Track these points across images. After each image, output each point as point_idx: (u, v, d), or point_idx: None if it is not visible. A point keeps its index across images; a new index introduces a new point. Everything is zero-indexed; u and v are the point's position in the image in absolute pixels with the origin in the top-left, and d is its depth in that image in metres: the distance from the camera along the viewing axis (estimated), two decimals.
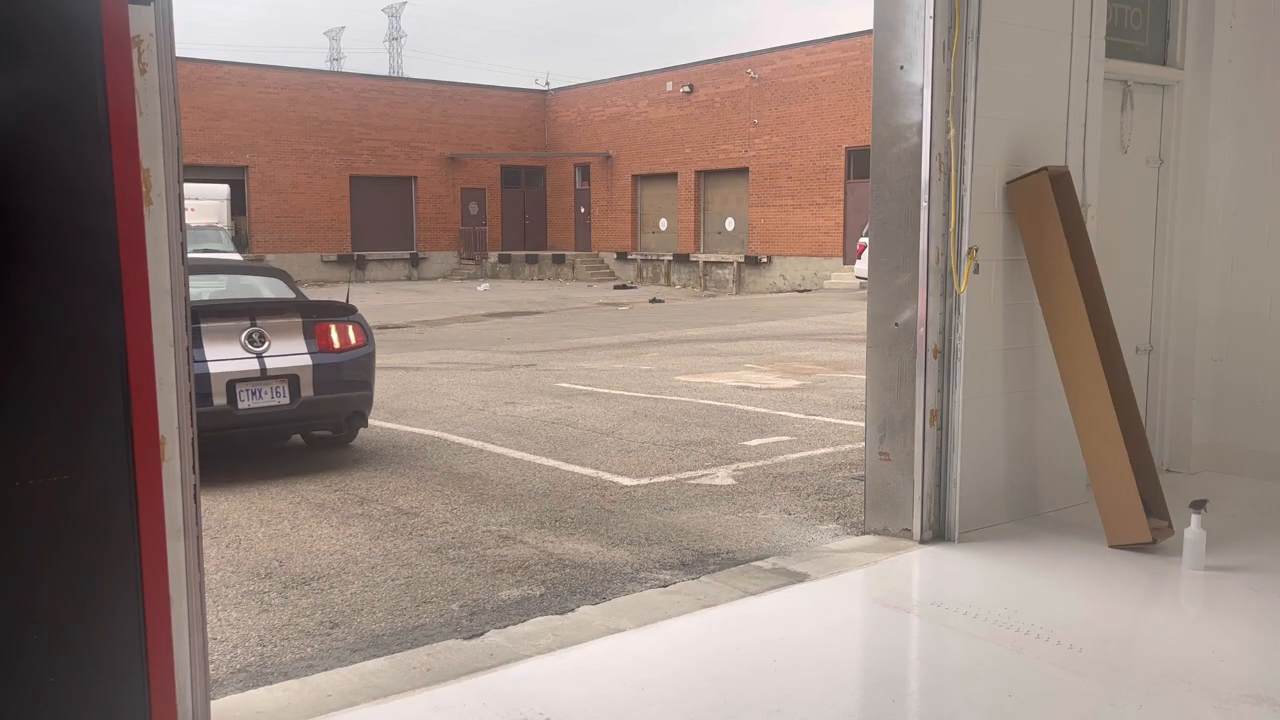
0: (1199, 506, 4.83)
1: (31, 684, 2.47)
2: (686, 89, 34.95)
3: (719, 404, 9.97)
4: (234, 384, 6.93)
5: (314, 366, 7.29)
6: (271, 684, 3.80)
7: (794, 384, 11.34)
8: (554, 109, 40.93)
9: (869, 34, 5.80)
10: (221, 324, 7.03)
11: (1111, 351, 5.30)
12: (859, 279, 24.21)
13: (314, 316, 7.50)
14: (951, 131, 5.06)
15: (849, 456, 7.55)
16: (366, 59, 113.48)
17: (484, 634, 4.21)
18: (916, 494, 5.23)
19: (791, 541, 5.54)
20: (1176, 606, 4.70)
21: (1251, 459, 6.47)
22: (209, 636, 3.29)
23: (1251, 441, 6.48)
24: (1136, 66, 6.24)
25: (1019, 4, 5.22)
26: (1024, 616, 4.24)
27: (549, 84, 42.69)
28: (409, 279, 36.90)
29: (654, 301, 26.22)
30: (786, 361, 13.33)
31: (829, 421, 9.03)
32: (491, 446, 8.12)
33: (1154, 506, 5.18)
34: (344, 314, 7.68)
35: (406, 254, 37.77)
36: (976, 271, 5.16)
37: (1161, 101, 6.50)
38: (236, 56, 45.61)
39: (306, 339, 7.36)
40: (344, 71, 47.26)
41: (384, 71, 61.13)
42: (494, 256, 38.54)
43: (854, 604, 4.67)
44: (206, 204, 27.27)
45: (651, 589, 4.79)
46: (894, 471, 5.34)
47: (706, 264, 33.93)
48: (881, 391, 5.36)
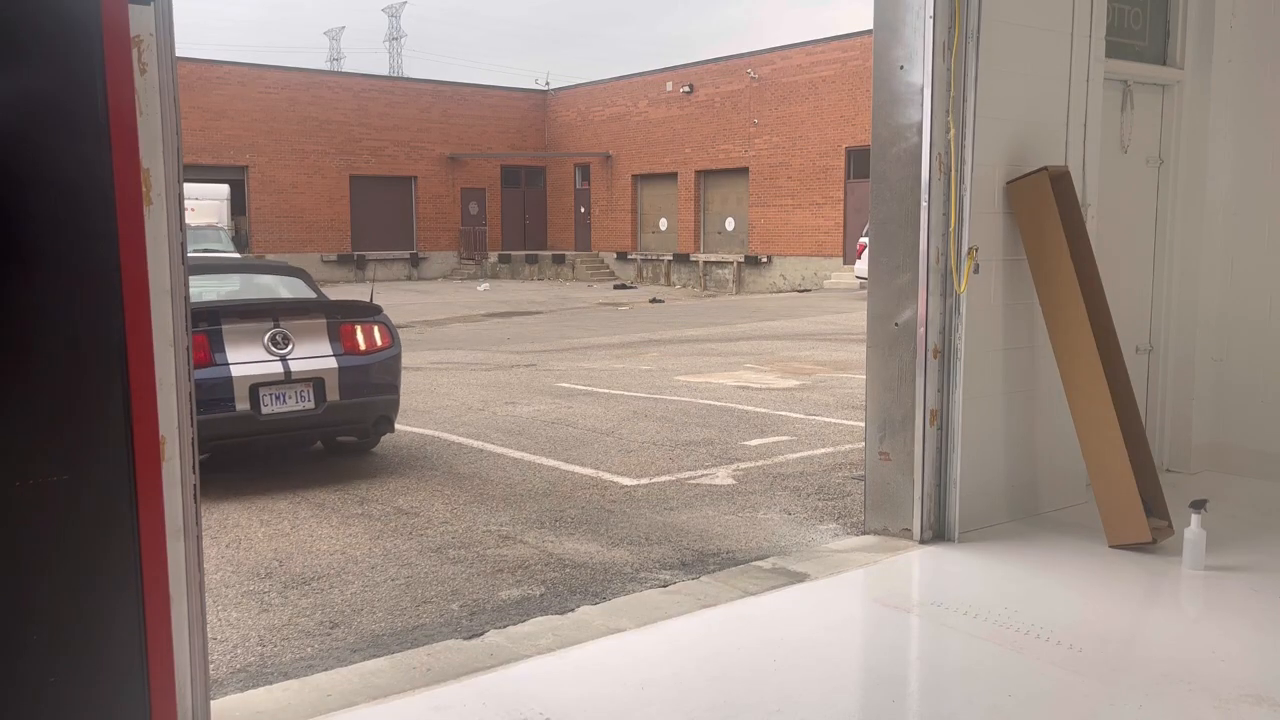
0: (1199, 506, 4.83)
1: (31, 684, 2.47)
2: (686, 89, 34.95)
3: (719, 404, 9.97)
4: (257, 388, 6.64)
5: (339, 369, 6.97)
6: (271, 684, 3.80)
7: (794, 384, 11.34)
8: (554, 109, 40.94)
9: (869, 34, 5.80)
10: (244, 325, 6.74)
11: (1111, 351, 5.30)
12: (859, 279, 24.21)
13: (339, 317, 7.17)
14: (951, 131, 5.06)
15: (849, 456, 7.55)
16: (366, 59, 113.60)
17: (484, 634, 4.21)
18: (916, 494, 5.23)
19: (791, 541, 5.54)
20: (1176, 606, 4.70)
21: (1251, 459, 6.48)
22: (209, 636, 3.30)
23: (1251, 441, 6.48)
24: (1136, 66, 6.24)
25: (1019, 4, 5.22)
26: (1024, 616, 4.24)
27: (549, 84, 42.73)
28: (409, 279, 36.90)
29: (654, 301, 26.22)
30: (786, 361, 13.33)
31: (829, 421, 9.03)
32: (491, 446, 8.12)
33: (1154, 506, 5.18)
34: (369, 314, 7.37)
35: (406, 254, 37.79)
36: (976, 271, 5.16)
37: (1161, 101, 6.50)
38: (236, 56, 45.66)
39: (331, 341, 7.06)
40: (344, 71, 47.27)
41: (384, 71, 61.16)
42: (494, 256, 38.54)
43: (854, 604, 4.67)
44: (206, 204, 27.28)
45: (651, 589, 4.79)
46: (894, 471, 5.34)
47: (706, 264, 33.93)
48: (881, 391, 5.37)
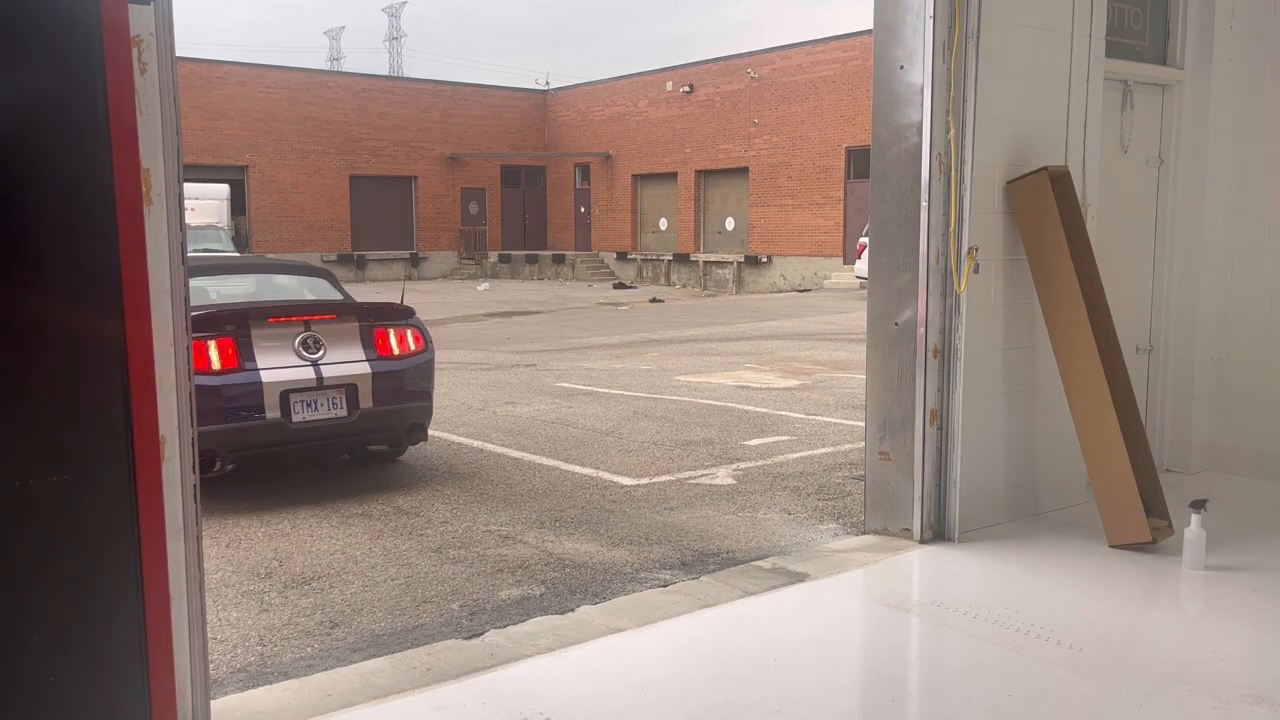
0: (1199, 506, 4.83)
1: (31, 684, 2.47)
2: (686, 89, 34.95)
3: (719, 404, 9.97)
4: (288, 395, 6.33)
5: (373, 375, 6.67)
6: (271, 684, 3.80)
7: (794, 384, 11.34)
8: (554, 109, 40.93)
9: (869, 34, 5.80)
10: (274, 329, 6.44)
11: (1111, 351, 5.30)
12: (859, 279, 24.21)
13: (371, 320, 6.88)
14: (951, 131, 5.06)
15: (849, 456, 7.55)
16: (366, 59, 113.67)
17: (484, 634, 4.22)
18: (916, 494, 5.23)
19: (791, 541, 5.54)
20: (1176, 606, 4.70)
21: (1251, 459, 6.47)
22: (209, 636, 3.30)
23: (1251, 441, 6.48)
24: (1136, 66, 6.24)
25: (1019, 4, 5.22)
26: (1024, 616, 4.24)
27: (549, 84, 42.72)
28: (409, 279, 36.88)
29: (654, 301, 26.21)
30: (786, 361, 13.33)
31: (829, 421, 9.03)
32: (491, 446, 8.12)
33: (1154, 506, 5.18)
34: (402, 317, 7.06)
35: (406, 254, 37.78)
36: (976, 271, 5.16)
37: (1161, 101, 6.50)
38: (236, 56, 45.67)
39: (364, 345, 6.75)
40: (344, 71, 47.24)
41: (384, 71, 61.17)
42: (494, 256, 38.54)
43: (854, 604, 4.67)
44: (206, 204, 27.29)
45: (651, 589, 4.79)
46: (894, 471, 5.34)
47: (706, 264, 33.93)
48: (881, 391, 5.37)
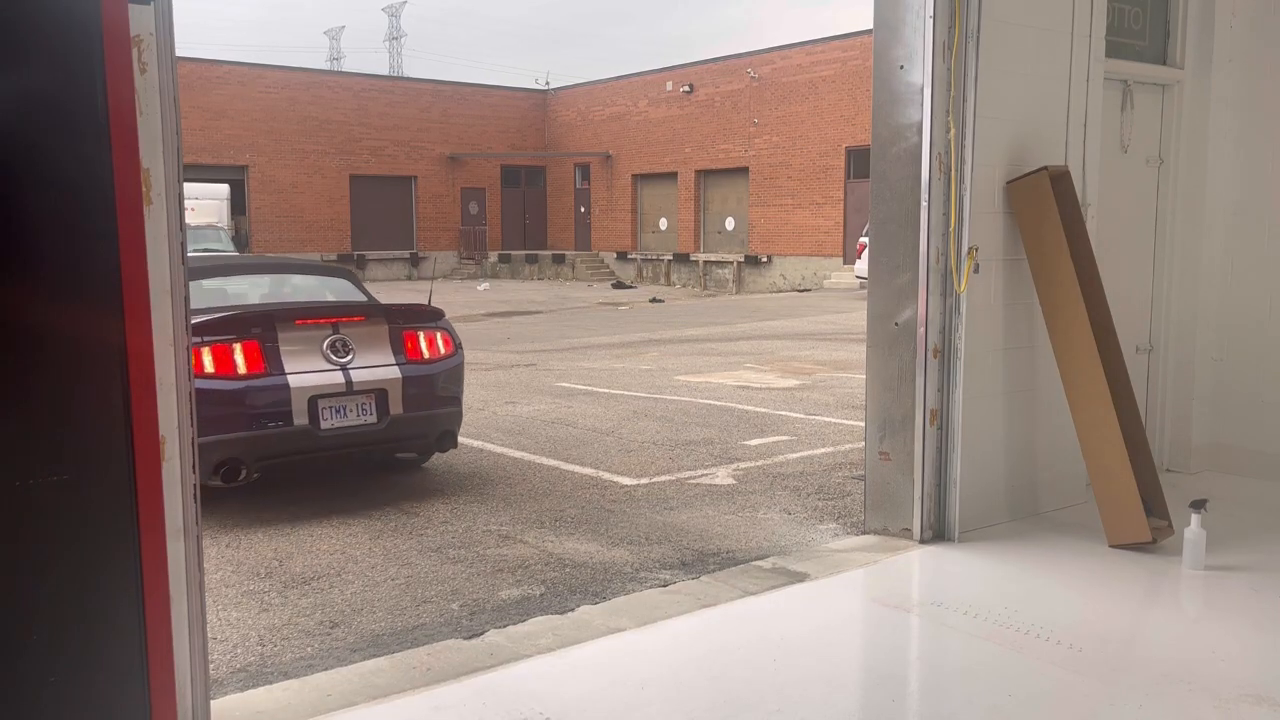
0: (1199, 506, 4.83)
1: (31, 684, 2.47)
2: (686, 89, 34.95)
3: (719, 404, 9.97)
4: (316, 400, 6.10)
5: (403, 380, 6.43)
6: (271, 684, 3.80)
7: (794, 383, 11.34)
8: (554, 109, 40.93)
9: (869, 34, 5.80)
10: (301, 331, 6.19)
11: (1111, 351, 5.30)
12: (859, 279, 24.22)
13: (400, 322, 6.63)
14: (951, 131, 5.06)
15: (849, 456, 7.55)
16: (366, 59, 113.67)
17: (484, 634, 4.22)
18: (916, 493, 5.23)
19: (791, 541, 5.54)
20: (1176, 606, 4.70)
21: (1251, 459, 6.47)
22: (209, 636, 3.30)
23: (1251, 441, 6.48)
24: (1136, 66, 6.24)
25: (1019, 4, 5.22)
26: (1024, 616, 4.24)
27: (549, 84, 42.72)
28: (409, 279, 36.87)
29: (654, 301, 26.21)
30: (786, 361, 13.33)
31: (829, 421, 9.03)
32: (491, 446, 8.12)
33: (1154, 506, 5.18)
34: (432, 319, 6.81)
35: (406, 254, 37.78)
36: (976, 271, 5.16)
37: (1161, 101, 6.50)
38: (236, 56, 45.67)
39: (394, 349, 6.51)
40: (344, 71, 47.24)
41: (384, 71, 61.15)
42: (494, 256, 38.53)
43: (854, 604, 4.67)
44: (206, 204, 27.30)
45: (651, 589, 4.79)
46: (894, 471, 5.34)
47: (706, 264, 33.93)
48: (881, 391, 5.37)
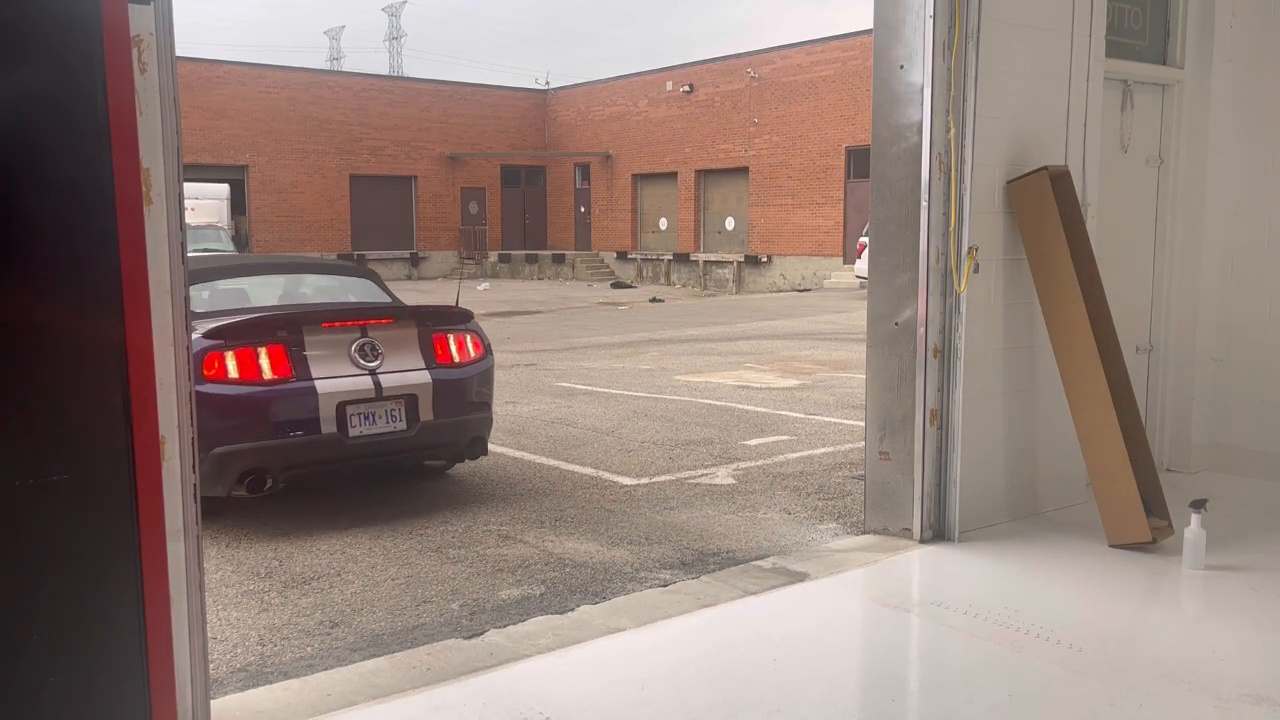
0: (1199, 506, 4.83)
1: (31, 684, 2.47)
2: (686, 88, 34.95)
3: (719, 403, 9.97)
4: (344, 406, 5.84)
5: (433, 384, 6.17)
6: (271, 683, 3.80)
7: (794, 383, 11.34)
8: (554, 109, 40.93)
9: (869, 33, 5.80)
10: (328, 335, 5.94)
11: (1111, 351, 5.30)
12: (859, 278, 24.22)
13: (430, 325, 6.38)
14: (951, 131, 5.06)
15: (849, 456, 7.55)
16: (366, 59, 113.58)
17: (484, 633, 4.22)
18: (916, 493, 5.23)
19: (791, 541, 5.54)
20: (1176, 606, 4.70)
21: (1251, 459, 6.47)
22: (209, 636, 3.30)
23: (1251, 441, 6.48)
24: (1136, 66, 6.24)
25: (1019, 4, 5.22)
26: (1024, 616, 4.24)
27: (549, 84, 42.72)
28: (409, 278, 36.86)
29: (654, 301, 26.21)
30: (786, 361, 13.33)
31: (829, 421, 9.03)
32: (492, 445, 8.08)
33: (1154, 506, 5.18)
34: (461, 321, 6.56)
35: (406, 253, 37.78)
36: (976, 271, 5.16)
37: (1161, 101, 6.50)
38: (236, 56, 45.68)
39: (423, 352, 6.27)
40: (344, 71, 47.23)
41: (384, 71, 61.13)
42: (494, 256, 38.53)
43: (854, 603, 4.67)
44: (206, 204, 27.30)
45: (651, 588, 4.80)
46: (894, 471, 5.34)
47: (706, 263, 33.93)
48: (881, 391, 5.37)
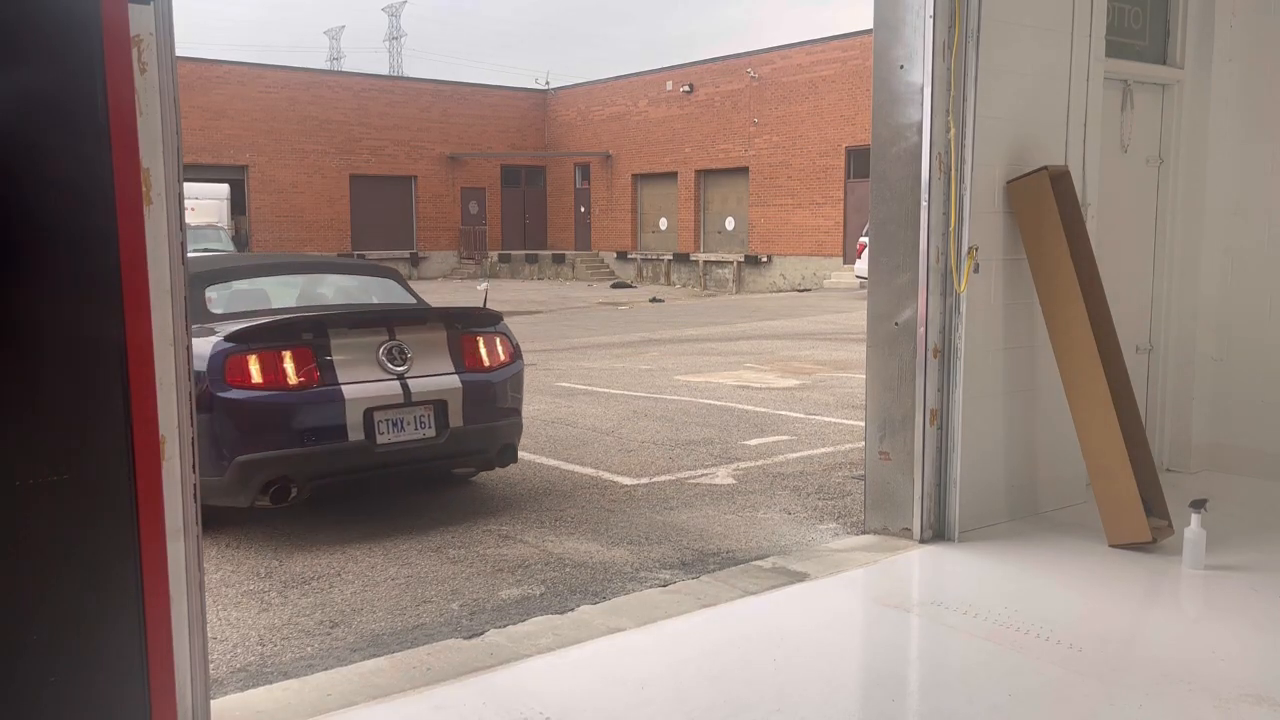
0: (1199, 506, 4.83)
1: (31, 684, 2.47)
2: (686, 88, 34.95)
3: (719, 403, 9.97)
4: (372, 412, 5.61)
5: (464, 389, 5.94)
6: (271, 683, 3.80)
7: (794, 383, 11.34)
8: (554, 108, 40.94)
9: (869, 33, 5.80)
10: (355, 338, 5.69)
11: (1111, 351, 5.30)
12: (859, 278, 24.23)
13: (459, 327, 6.14)
14: (951, 131, 5.06)
15: (849, 456, 7.55)
16: (366, 59, 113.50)
17: (484, 633, 4.22)
18: (916, 493, 5.23)
19: (791, 541, 5.54)
20: (1176, 606, 4.70)
21: (1251, 459, 6.47)
22: (209, 636, 3.30)
23: (1251, 441, 6.48)
24: (1136, 66, 6.23)
25: (1019, 4, 5.22)
26: (1024, 616, 4.24)
27: (549, 83, 42.73)
28: (409, 278, 36.70)
29: (654, 301, 26.21)
30: (786, 361, 13.33)
31: (829, 421, 9.03)
32: None
33: (1154, 506, 5.18)
34: (490, 323, 6.33)
35: (406, 253, 37.78)
36: (976, 271, 5.16)
37: (1161, 101, 6.50)
38: (236, 56, 45.69)
39: (453, 355, 6.02)
40: (344, 71, 47.26)
41: (384, 71, 61.15)
42: (494, 256, 38.54)
43: (854, 603, 4.67)
44: (206, 204, 27.31)
45: (651, 588, 4.80)
46: (894, 471, 5.34)
47: (706, 263, 33.94)
48: (881, 391, 5.37)
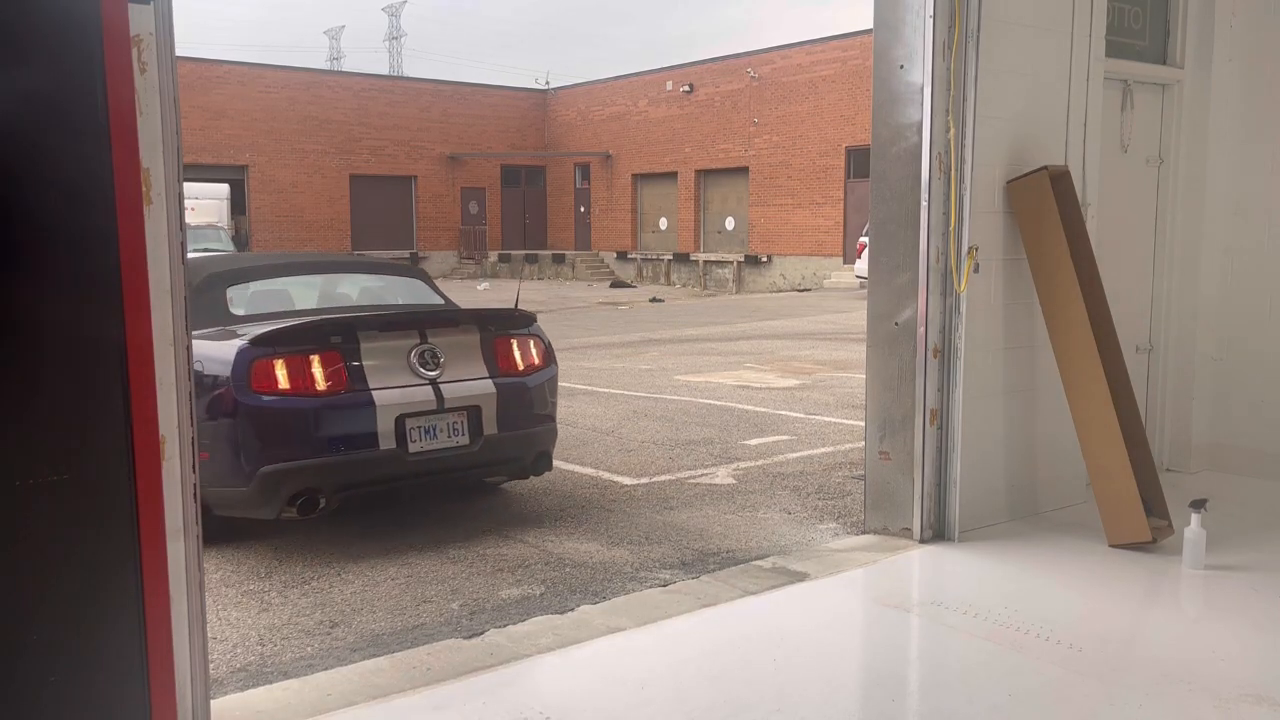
0: (1199, 506, 4.83)
1: (31, 684, 2.47)
2: (686, 88, 34.95)
3: (719, 403, 9.97)
4: (404, 419, 5.37)
5: (498, 394, 5.69)
6: (271, 683, 3.80)
7: (794, 383, 11.34)
8: (554, 108, 40.93)
9: (869, 33, 5.80)
10: (385, 342, 5.46)
11: (1111, 351, 5.30)
12: (859, 278, 24.23)
13: (492, 329, 5.89)
14: (951, 131, 5.06)
15: (849, 456, 7.55)
16: (366, 59, 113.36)
17: (484, 633, 4.22)
18: (916, 493, 5.23)
19: (791, 541, 5.54)
20: (1176, 606, 4.70)
21: (1251, 459, 6.47)
22: (209, 636, 3.30)
23: (1251, 441, 6.48)
24: (1136, 66, 6.24)
25: (1019, 3, 5.22)
26: (1024, 616, 4.24)
27: (549, 83, 42.73)
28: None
29: (654, 301, 26.21)
30: (786, 361, 13.33)
31: (829, 421, 9.03)
32: None
33: (1154, 506, 5.18)
34: (524, 325, 6.07)
35: (406, 253, 37.74)
36: (976, 271, 5.16)
37: (1161, 101, 6.50)
38: (236, 56, 45.68)
39: (486, 359, 5.78)
40: (344, 71, 47.26)
41: (384, 71, 61.14)
42: (494, 256, 38.54)
43: (854, 603, 4.67)
44: (206, 204, 27.32)
45: (651, 588, 4.80)
46: (894, 471, 5.34)
47: (706, 263, 33.94)
48: (881, 391, 5.37)
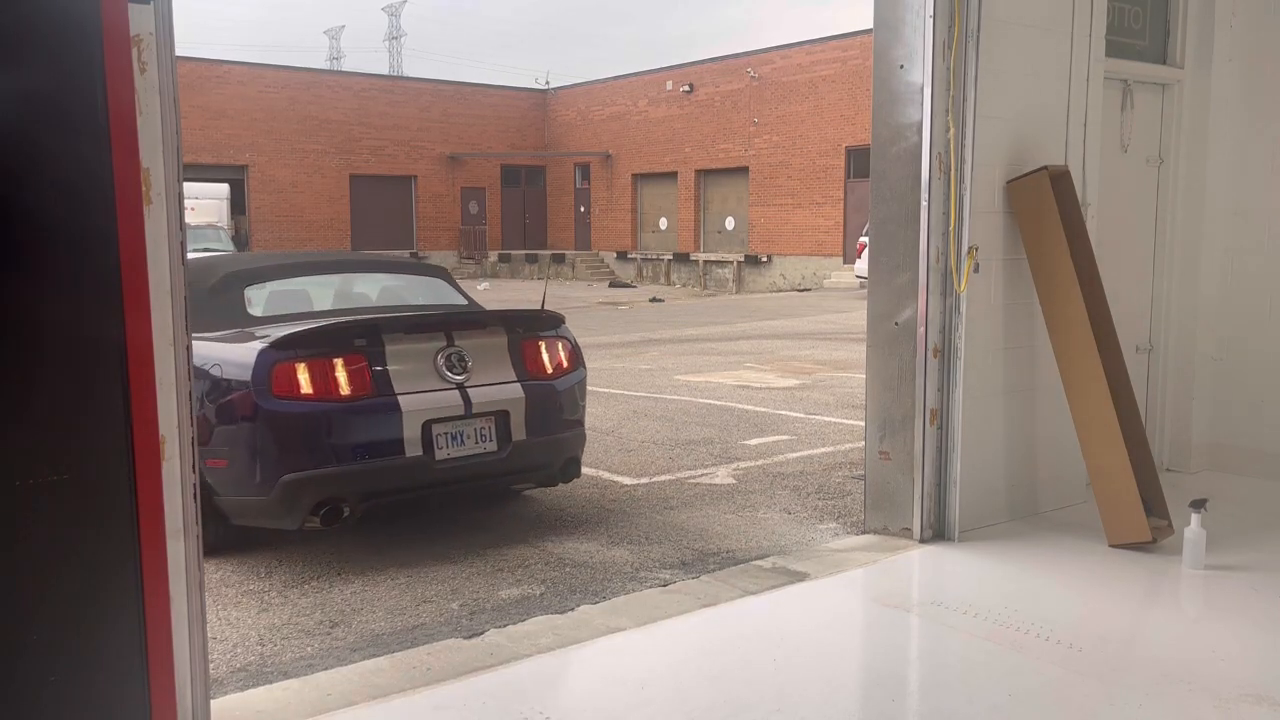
0: (1199, 506, 4.83)
1: (31, 684, 2.48)
2: (686, 88, 34.95)
3: (719, 403, 9.97)
4: (431, 425, 5.20)
5: (527, 398, 5.50)
6: (271, 683, 3.80)
7: (794, 383, 11.34)
8: (554, 108, 40.94)
9: (869, 33, 5.80)
10: (411, 344, 5.26)
11: (1111, 351, 5.30)
12: (859, 278, 24.23)
13: (520, 331, 5.67)
14: (951, 131, 5.06)
15: (849, 456, 7.55)
16: (366, 58, 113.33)
17: (484, 633, 4.22)
18: (916, 493, 5.23)
19: (791, 541, 5.54)
20: (1176, 606, 4.70)
21: (1251, 459, 6.48)
22: (209, 636, 3.30)
23: (1251, 441, 6.48)
24: (1136, 66, 6.24)
25: (1019, 3, 5.22)
26: (1024, 616, 4.24)
27: (549, 83, 42.74)
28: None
29: (654, 301, 26.21)
30: (786, 360, 13.33)
31: (829, 420, 9.03)
32: None
33: (1154, 506, 5.18)
34: (551, 327, 5.86)
35: (406, 253, 37.69)
36: (976, 271, 5.16)
37: (1161, 101, 6.50)
38: (237, 56, 45.68)
39: (514, 362, 5.58)
40: (344, 71, 47.25)
41: (384, 71, 61.12)
42: (494, 255, 38.52)
43: (854, 603, 4.67)
44: (206, 203, 27.33)
45: (651, 588, 4.80)
46: (894, 471, 5.34)
47: (706, 263, 33.94)
48: (881, 391, 5.37)
